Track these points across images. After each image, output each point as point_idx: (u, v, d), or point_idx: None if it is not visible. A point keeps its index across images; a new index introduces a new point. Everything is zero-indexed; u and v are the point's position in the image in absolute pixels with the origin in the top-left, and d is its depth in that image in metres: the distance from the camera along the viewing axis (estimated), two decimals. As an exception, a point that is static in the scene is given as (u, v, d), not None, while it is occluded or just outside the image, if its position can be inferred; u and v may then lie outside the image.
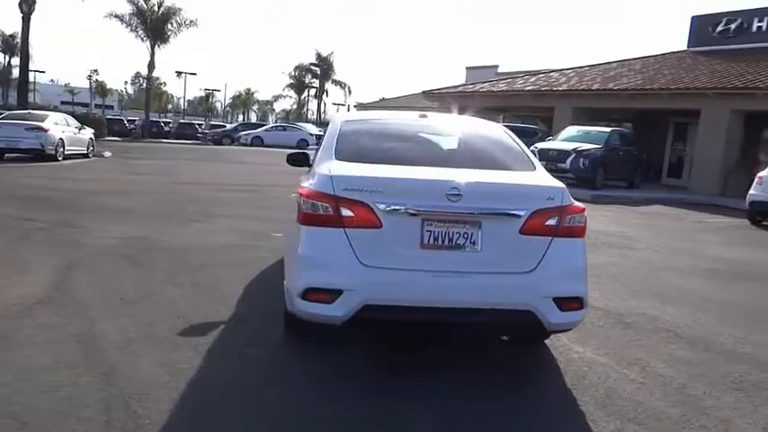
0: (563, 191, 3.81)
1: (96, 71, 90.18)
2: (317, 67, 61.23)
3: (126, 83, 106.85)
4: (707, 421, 3.42)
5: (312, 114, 69.42)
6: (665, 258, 8.52)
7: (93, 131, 22.01)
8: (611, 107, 23.50)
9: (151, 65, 40.58)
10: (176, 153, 26.67)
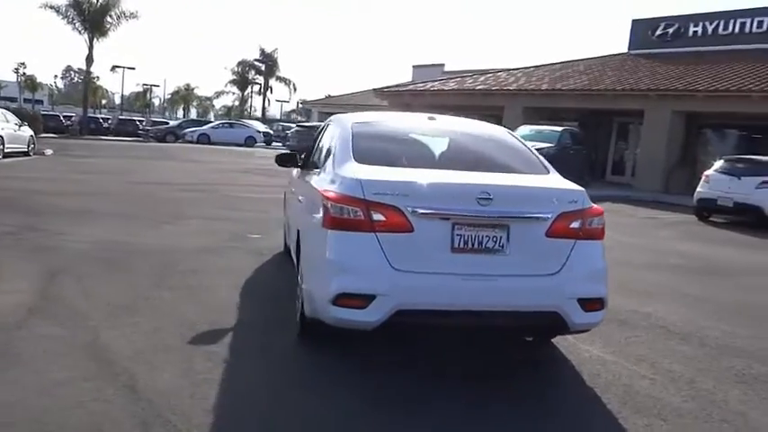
0: (583, 194, 3.90)
1: (24, 64, 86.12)
2: (261, 63, 60.14)
3: (56, 77, 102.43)
4: (725, 415, 3.58)
5: (255, 111, 68.29)
6: (632, 255, 8.80)
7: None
8: (559, 107, 24.12)
9: (89, 58, 38.79)
10: (120, 151, 25.73)
